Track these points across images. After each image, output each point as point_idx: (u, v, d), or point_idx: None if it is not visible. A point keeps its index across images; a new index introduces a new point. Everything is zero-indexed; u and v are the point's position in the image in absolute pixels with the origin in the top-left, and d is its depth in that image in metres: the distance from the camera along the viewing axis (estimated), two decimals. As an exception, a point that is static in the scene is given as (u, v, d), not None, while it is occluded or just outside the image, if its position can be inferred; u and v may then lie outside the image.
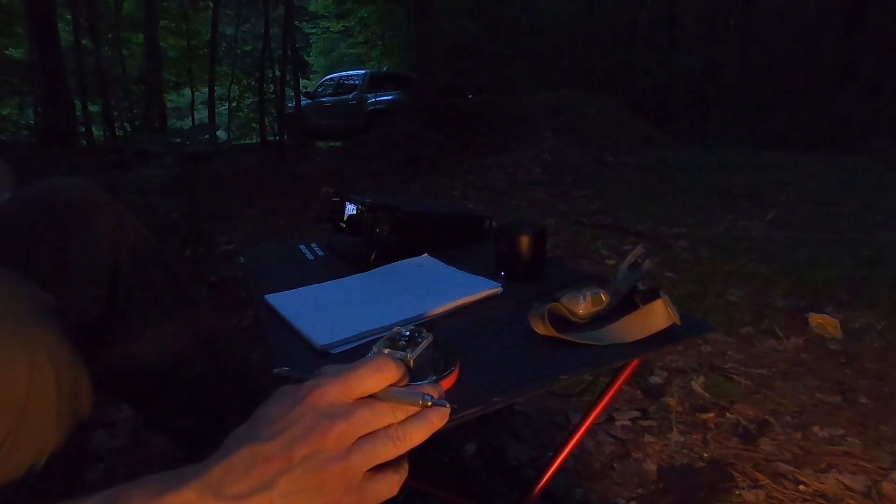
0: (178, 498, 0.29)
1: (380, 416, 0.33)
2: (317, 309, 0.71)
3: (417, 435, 0.34)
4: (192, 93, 12.16)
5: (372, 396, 0.34)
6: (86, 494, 0.29)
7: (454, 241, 1.02)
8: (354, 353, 0.60)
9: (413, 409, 0.34)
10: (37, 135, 7.71)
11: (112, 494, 0.29)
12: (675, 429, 1.16)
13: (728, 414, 1.22)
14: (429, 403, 0.34)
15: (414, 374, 0.38)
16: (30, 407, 0.37)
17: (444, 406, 0.35)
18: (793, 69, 10.06)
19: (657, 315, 0.62)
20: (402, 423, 0.34)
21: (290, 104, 9.43)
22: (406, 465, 0.35)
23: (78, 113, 7.66)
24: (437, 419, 0.34)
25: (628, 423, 1.19)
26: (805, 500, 0.95)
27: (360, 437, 0.33)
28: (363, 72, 10.26)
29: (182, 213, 2.24)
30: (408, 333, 0.47)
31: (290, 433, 0.31)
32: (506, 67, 9.62)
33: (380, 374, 0.34)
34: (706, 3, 12.03)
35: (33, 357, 0.37)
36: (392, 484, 0.34)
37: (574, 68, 11.93)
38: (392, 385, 0.35)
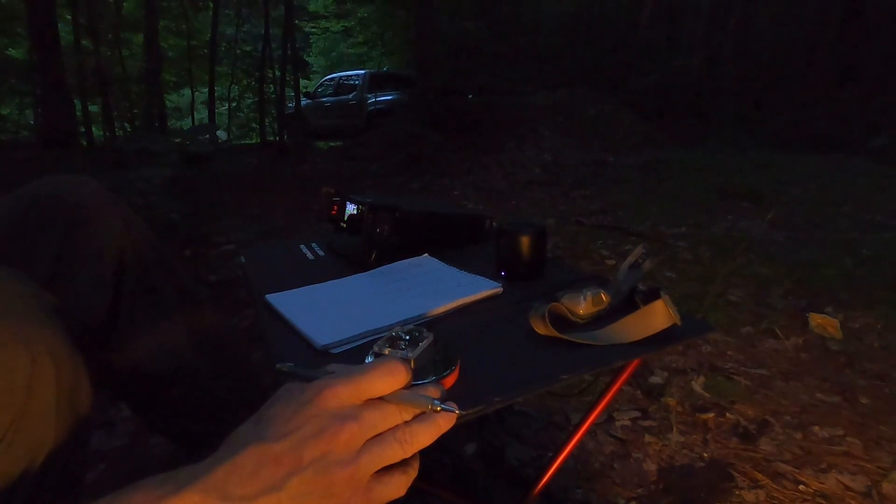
0: (180, 500, 0.28)
1: (389, 417, 0.33)
2: (317, 309, 0.71)
3: (425, 437, 0.33)
4: (192, 93, 12.16)
5: (379, 398, 0.34)
6: (83, 500, 0.29)
7: (454, 241, 1.02)
8: (355, 353, 0.60)
9: (420, 410, 0.34)
10: (37, 135, 7.71)
11: (109, 501, 0.29)
12: (675, 429, 1.16)
13: (728, 414, 1.22)
14: (437, 408, 0.34)
15: (415, 374, 0.38)
16: (29, 404, 0.37)
17: (453, 412, 0.34)
18: (792, 69, 10.06)
19: (658, 315, 0.62)
20: (409, 425, 0.33)
21: (290, 104, 9.43)
22: (416, 466, 0.34)
23: (78, 113, 7.66)
24: (445, 422, 0.34)
25: (628, 423, 1.19)
26: (805, 500, 0.95)
27: (368, 440, 0.32)
28: (363, 72, 10.25)
29: (182, 213, 2.24)
30: (408, 337, 0.47)
31: (300, 434, 0.31)
32: (505, 67, 9.63)
33: (390, 378, 0.34)
34: (706, 3, 12.02)
35: (34, 354, 0.37)
36: (399, 485, 0.33)
37: (574, 68, 11.91)
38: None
